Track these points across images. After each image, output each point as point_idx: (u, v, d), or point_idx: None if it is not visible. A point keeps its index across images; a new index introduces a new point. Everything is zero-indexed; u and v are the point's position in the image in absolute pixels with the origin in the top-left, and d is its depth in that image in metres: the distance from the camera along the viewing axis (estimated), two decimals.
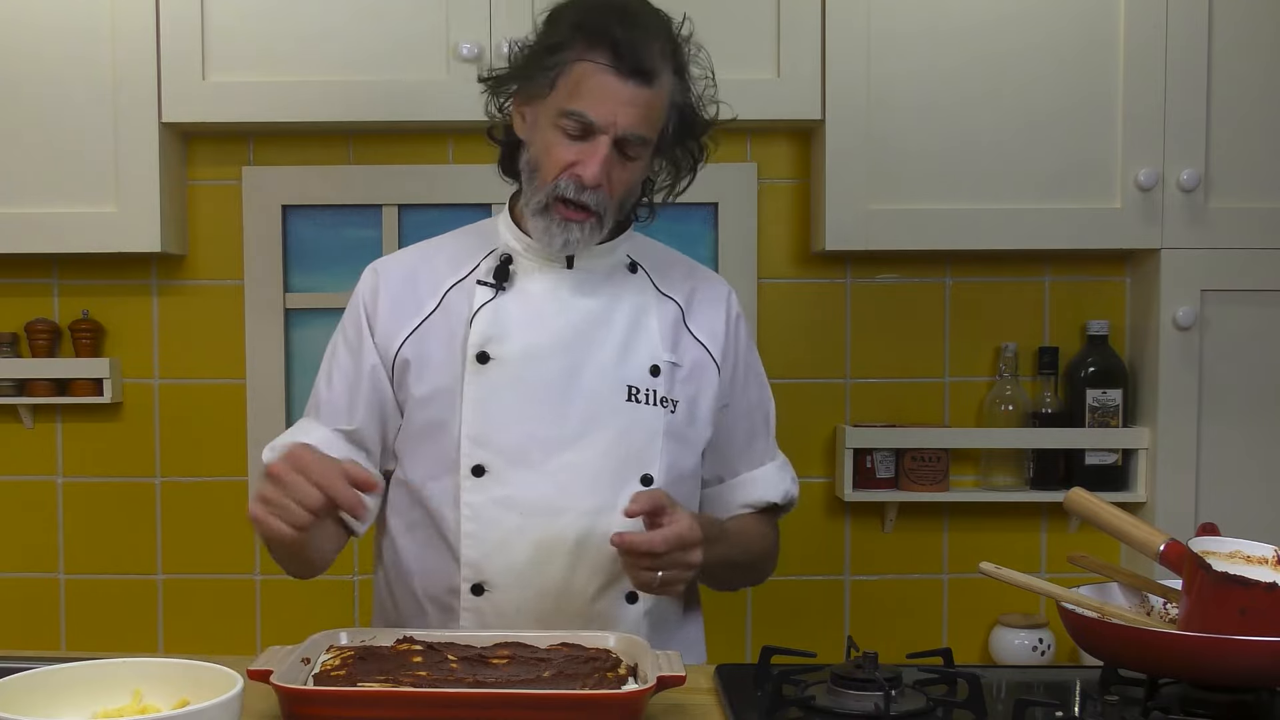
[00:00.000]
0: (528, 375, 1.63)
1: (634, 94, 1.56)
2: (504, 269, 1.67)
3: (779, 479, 1.80)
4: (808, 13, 2.27)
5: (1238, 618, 1.30)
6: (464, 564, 1.63)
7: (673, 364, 1.68)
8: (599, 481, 1.62)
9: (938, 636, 2.51)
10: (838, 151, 2.28)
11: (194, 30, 2.26)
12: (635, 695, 1.26)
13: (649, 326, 1.68)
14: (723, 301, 1.77)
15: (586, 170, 1.57)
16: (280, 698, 1.26)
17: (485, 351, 1.64)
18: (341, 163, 2.48)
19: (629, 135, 1.58)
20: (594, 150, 1.57)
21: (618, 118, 1.56)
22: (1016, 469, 2.47)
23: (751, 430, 1.79)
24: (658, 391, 1.66)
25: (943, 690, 1.43)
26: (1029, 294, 2.51)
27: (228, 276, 2.49)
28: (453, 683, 1.30)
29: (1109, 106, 2.28)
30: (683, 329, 1.72)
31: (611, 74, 1.56)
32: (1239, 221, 2.29)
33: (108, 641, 2.49)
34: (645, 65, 1.56)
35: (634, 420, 1.64)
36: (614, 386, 1.64)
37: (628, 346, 1.66)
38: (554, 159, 1.59)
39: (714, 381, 1.72)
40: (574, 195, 1.58)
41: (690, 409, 1.69)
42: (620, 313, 1.67)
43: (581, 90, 1.57)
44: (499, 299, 1.66)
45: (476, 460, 1.63)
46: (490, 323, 1.65)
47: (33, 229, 2.28)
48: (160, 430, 2.50)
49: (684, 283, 1.75)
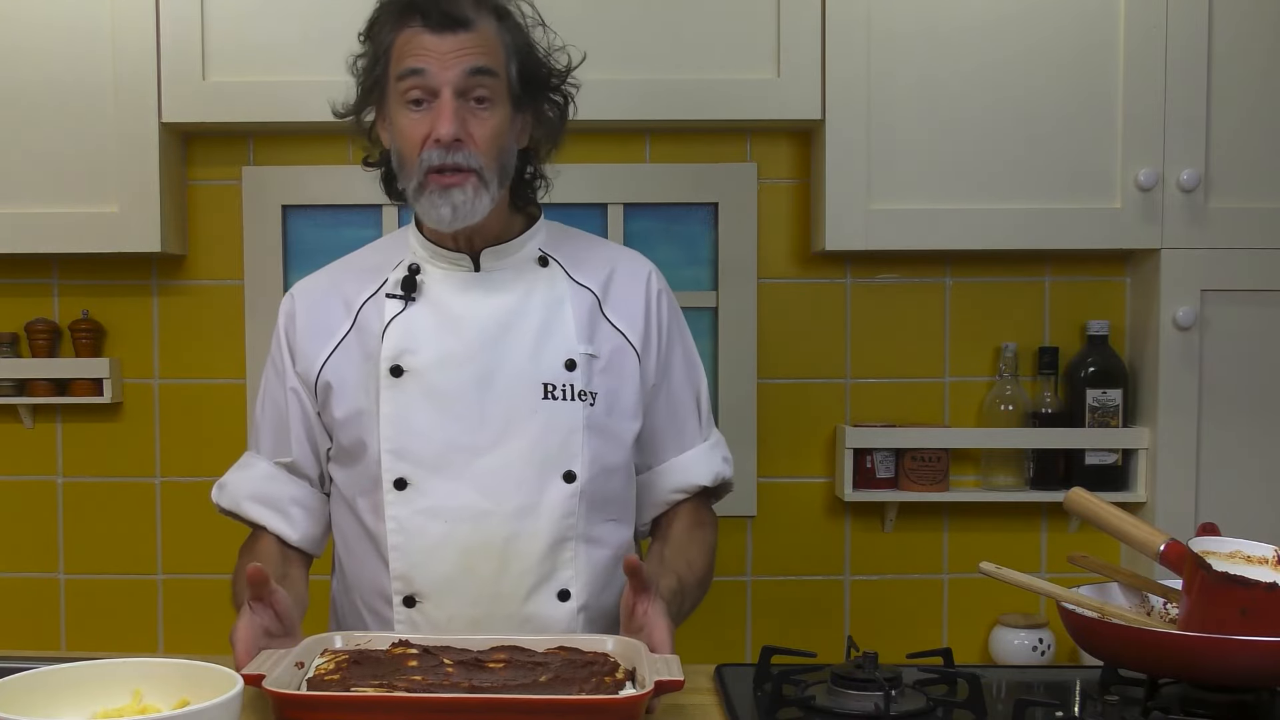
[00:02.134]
0: (442, 384, 1.63)
1: (455, 41, 1.57)
2: (411, 279, 1.67)
3: (708, 460, 1.77)
4: (808, 13, 2.27)
5: (1238, 618, 1.30)
6: (394, 576, 1.64)
7: (589, 356, 1.67)
8: (522, 483, 1.62)
9: (938, 636, 2.51)
10: (838, 151, 2.28)
11: (194, 30, 2.26)
12: (633, 700, 1.25)
13: (563, 320, 1.67)
14: (641, 283, 1.75)
15: (440, 128, 1.56)
16: (273, 703, 1.26)
17: (398, 365, 1.64)
18: (341, 163, 2.48)
19: (467, 72, 1.57)
20: (440, 108, 1.57)
21: (447, 64, 1.57)
22: (1016, 469, 2.47)
23: (678, 412, 1.77)
24: (574, 386, 1.65)
25: (943, 690, 1.43)
26: (1029, 294, 2.51)
27: (228, 276, 2.49)
28: (448, 687, 1.29)
29: (1109, 107, 2.28)
30: (599, 318, 1.70)
31: (426, 32, 1.58)
32: (1239, 221, 2.29)
33: (108, 641, 2.49)
34: (456, 13, 1.58)
35: (552, 418, 1.63)
36: (529, 385, 1.64)
37: (541, 343, 1.65)
38: (409, 137, 1.60)
39: (635, 369, 1.70)
40: (439, 160, 1.57)
41: (611, 400, 1.68)
42: (532, 309, 1.67)
43: (405, 55, 1.59)
44: (409, 310, 1.66)
45: (398, 474, 1.63)
46: (401, 335, 1.65)
47: (33, 229, 2.28)
48: (160, 430, 2.50)
49: (601, 269, 1.73)
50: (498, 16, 1.63)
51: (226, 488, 1.75)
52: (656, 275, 1.77)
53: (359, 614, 1.72)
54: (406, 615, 1.64)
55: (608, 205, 2.46)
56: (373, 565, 1.68)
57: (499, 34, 1.62)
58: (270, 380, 1.75)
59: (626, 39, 2.24)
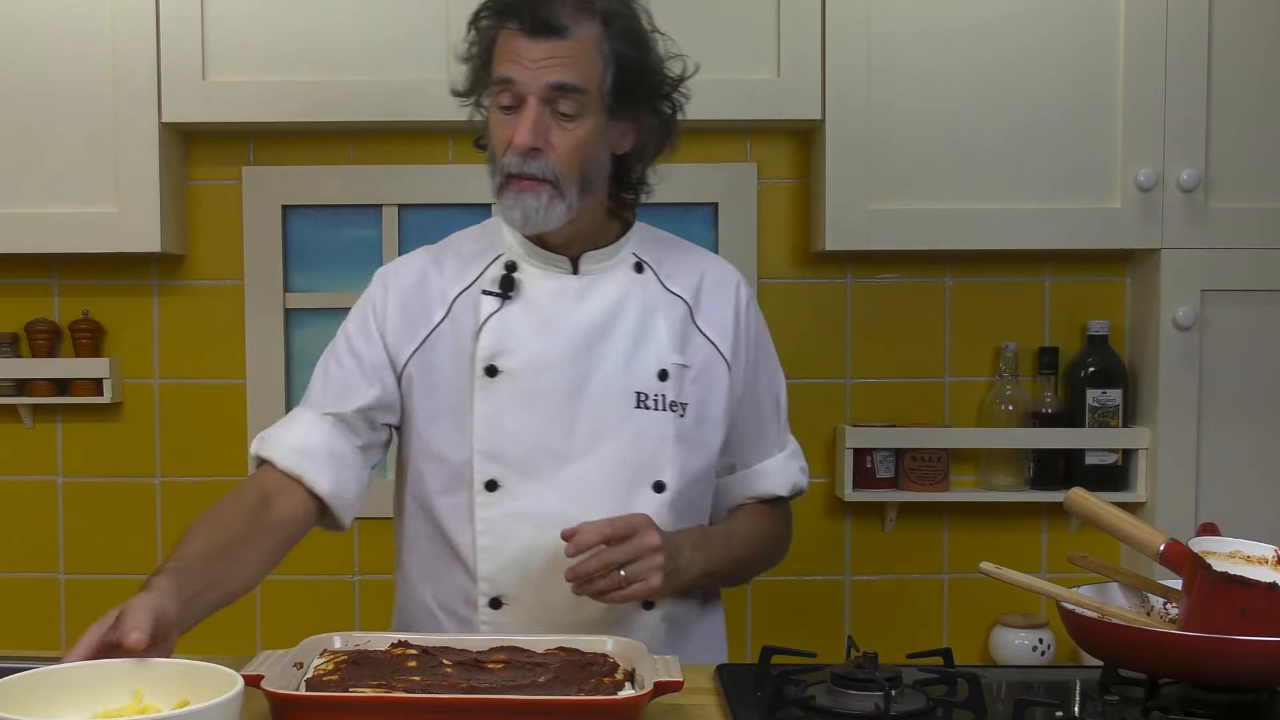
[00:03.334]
0: (536, 387, 1.62)
1: (547, 48, 1.55)
2: (509, 278, 1.65)
3: (786, 469, 1.78)
4: (808, 13, 2.27)
5: (1238, 618, 1.30)
6: (481, 578, 1.63)
7: (681, 366, 1.66)
8: (611, 491, 1.60)
9: (938, 636, 2.51)
10: (838, 151, 2.28)
11: (194, 30, 2.26)
12: (632, 701, 1.25)
13: (656, 329, 1.66)
14: (731, 291, 1.74)
15: (518, 136, 1.56)
16: (271, 703, 1.25)
17: (494, 365, 1.62)
18: (341, 163, 2.48)
19: (552, 87, 1.55)
20: (523, 116, 1.56)
21: (535, 74, 1.55)
22: (1016, 469, 2.47)
23: (761, 418, 1.76)
24: (666, 396, 1.64)
25: (943, 690, 1.43)
26: (1029, 294, 2.51)
27: (228, 276, 2.49)
28: (446, 688, 1.29)
29: (1109, 106, 2.28)
30: (691, 327, 1.69)
31: (521, 36, 1.56)
32: (1239, 221, 2.29)
33: None
34: (552, 20, 1.55)
35: (643, 428, 1.63)
36: (622, 394, 1.63)
37: (635, 352, 1.64)
38: (498, 139, 1.59)
39: (724, 379, 1.70)
40: (517, 168, 1.57)
41: (700, 410, 1.68)
42: (627, 318, 1.65)
43: (501, 57, 1.58)
44: (505, 309, 1.64)
45: (489, 475, 1.62)
46: (498, 335, 1.63)
47: (33, 229, 2.28)
48: (160, 430, 2.50)
49: (691, 276, 1.72)
50: (602, 22, 1.58)
51: (268, 440, 1.65)
52: (744, 284, 1.77)
53: (430, 615, 1.69)
54: (492, 617, 1.63)
55: None
56: (450, 567, 1.66)
57: (599, 41, 1.57)
58: (353, 337, 1.68)
59: None
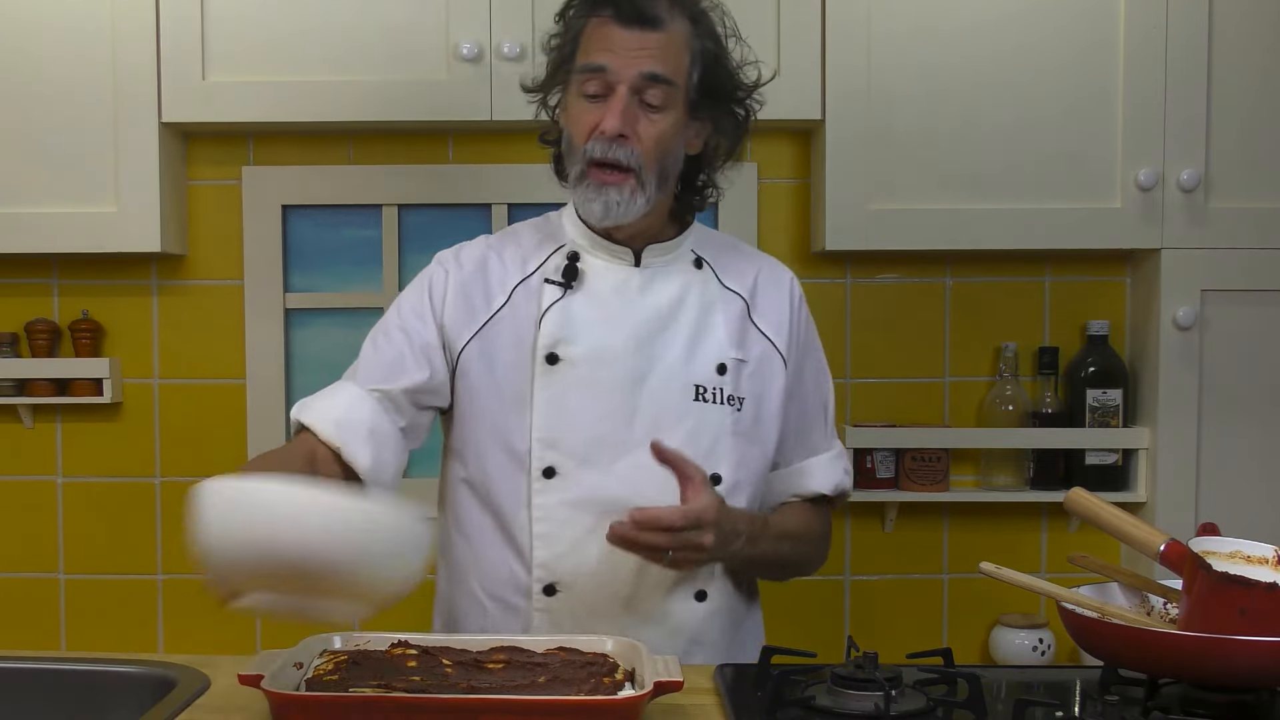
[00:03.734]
0: (597, 376, 1.63)
1: (641, 39, 1.57)
2: (572, 267, 1.66)
3: (831, 470, 1.78)
4: (808, 12, 2.27)
5: (1238, 618, 1.30)
6: (536, 564, 1.63)
7: (739, 361, 1.68)
8: (668, 482, 1.59)
9: (938, 636, 2.51)
10: (838, 151, 2.28)
11: (194, 30, 2.26)
12: (631, 701, 1.25)
13: (715, 324, 1.68)
14: (785, 289, 1.76)
15: (607, 121, 1.57)
16: (271, 703, 1.25)
17: (555, 353, 1.63)
18: (341, 163, 2.48)
19: (644, 76, 1.57)
20: (612, 103, 1.58)
21: (627, 63, 1.57)
22: (1016, 469, 2.47)
23: (808, 418, 1.77)
24: (724, 390, 1.65)
25: (943, 690, 1.43)
26: (1029, 294, 2.51)
27: (228, 276, 2.49)
28: (446, 688, 1.29)
29: (1109, 106, 2.28)
30: (748, 324, 1.71)
31: (615, 24, 1.58)
32: (1239, 221, 2.29)
33: (108, 641, 2.49)
34: (647, 11, 1.58)
35: (701, 420, 1.63)
36: (682, 386, 1.64)
37: (695, 345, 1.66)
38: (581, 125, 1.60)
39: (780, 375, 1.72)
40: (602, 154, 1.58)
41: (757, 405, 1.69)
42: (687, 311, 1.67)
43: (590, 46, 1.59)
44: (567, 298, 1.65)
45: (548, 462, 1.62)
46: (559, 323, 1.64)
47: (33, 229, 2.28)
48: (160, 430, 2.50)
49: (747, 274, 1.74)
50: (692, 20, 1.62)
51: (309, 407, 1.61)
52: (797, 282, 1.79)
53: (476, 603, 1.68)
54: (546, 604, 1.63)
55: None
56: (502, 553, 1.65)
57: (688, 39, 1.61)
58: (407, 315, 1.67)
59: None
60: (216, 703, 1.43)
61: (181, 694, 1.44)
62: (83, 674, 1.59)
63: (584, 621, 1.61)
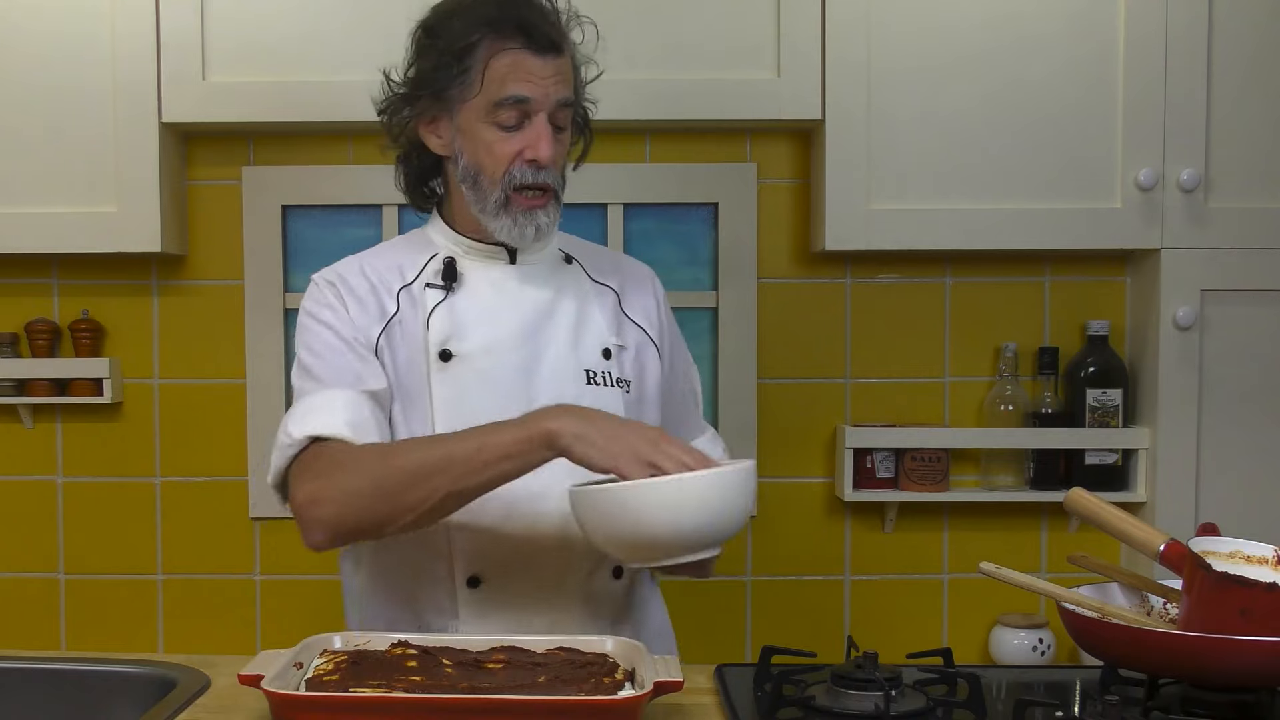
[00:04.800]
0: (491, 369, 1.65)
1: (553, 65, 1.62)
2: (451, 269, 1.69)
3: (711, 450, 1.80)
4: (808, 13, 2.27)
5: (1238, 618, 1.30)
6: (457, 557, 1.64)
7: (620, 347, 1.73)
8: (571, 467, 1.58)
9: (938, 636, 2.51)
10: (838, 151, 2.28)
11: (194, 30, 2.26)
12: (632, 701, 1.25)
13: (593, 313, 1.73)
14: (648, 284, 1.84)
15: (540, 151, 1.61)
16: (271, 704, 1.26)
17: (447, 349, 1.65)
18: (341, 163, 2.48)
19: (559, 104, 1.62)
20: (537, 131, 1.61)
21: (546, 91, 1.61)
22: (1016, 469, 2.47)
23: (684, 407, 1.85)
24: (612, 373, 1.70)
25: (943, 690, 1.43)
26: (1029, 294, 2.51)
27: (228, 276, 2.49)
28: (446, 688, 1.29)
29: (1109, 106, 2.28)
30: (621, 314, 1.77)
31: (528, 54, 1.60)
32: (1239, 221, 2.29)
33: (108, 641, 2.49)
34: (555, 38, 1.62)
35: (596, 402, 1.64)
36: (573, 372, 1.68)
37: (579, 333, 1.70)
38: (499, 154, 1.62)
39: (655, 362, 1.78)
40: (532, 180, 1.62)
41: (640, 389, 1.74)
42: (565, 302, 1.72)
43: (509, 79, 1.60)
44: (450, 299, 1.68)
45: None
46: (446, 321, 1.66)
47: (33, 229, 2.28)
48: (160, 430, 2.50)
49: (612, 271, 1.81)
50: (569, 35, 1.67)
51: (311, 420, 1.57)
52: (658, 279, 1.86)
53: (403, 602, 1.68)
54: (469, 596, 1.64)
55: (608, 205, 2.46)
56: (426, 550, 1.65)
57: (573, 58, 1.67)
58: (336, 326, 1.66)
59: (626, 39, 2.24)
60: (216, 703, 1.43)
61: (181, 694, 1.45)
62: (83, 674, 1.59)
63: (510, 612, 1.62)
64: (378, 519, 1.51)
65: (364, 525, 1.53)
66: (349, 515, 1.52)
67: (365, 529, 1.53)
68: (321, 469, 1.54)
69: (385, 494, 1.50)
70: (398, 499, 1.49)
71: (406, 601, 1.69)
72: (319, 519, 1.53)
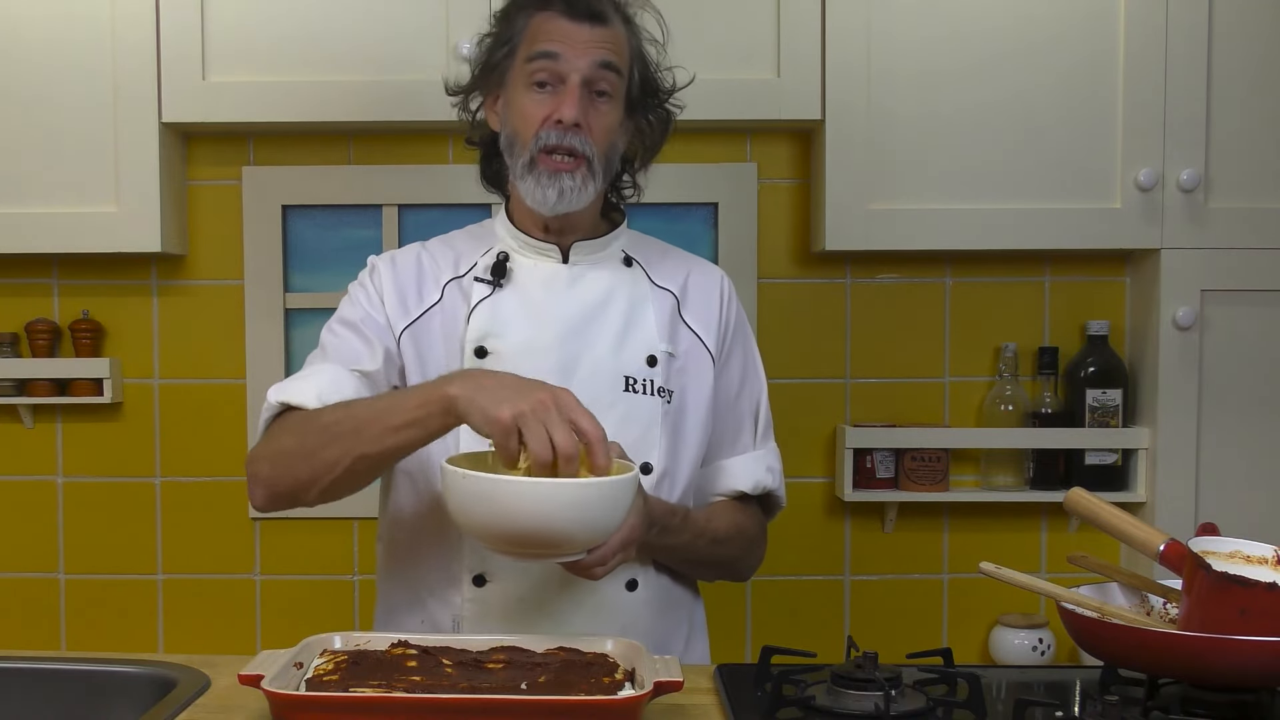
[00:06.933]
0: (524, 369, 1.61)
1: (591, 33, 1.62)
2: (501, 265, 1.69)
3: (753, 467, 1.77)
4: (808, 13, 2.27)
5: (1238, 618, 1.30)
6: (467, 554, 1.63)
7: (669, 354, 1.70)
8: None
9: (938, 636, 2.51)
10: (838, 151, 2.28)
11: (194, 30, 2.26)
12: (632, 701, 1.25)
13: (645, 318, 1.70)
14: (716, 288, 1.78)
15: (564, 110, 1.60)
16: (271, 703, 1.26)
17: (483, 346, 1.65)
18: (341, 163, 2.48)
19: (597, 65, 1.61)
20: (567, 93, 1.61)
21: (580, 53, 1.61)
22: (1016, 469, 2.47)
23: (736, 417, 1.78)
24: (654, 381, 1.67)
25: (943, 690, 1.43)
26: (1029, 294, 2.51)
27: (228, 276, 2.49)
28: (446, 688, 1.29)
29: (1109, 106, 2.28)
30: (678, 320, 1.73)
31: (564, 19, 1.62)
32: (1239, 221, 2.29)
33: (108, 641, 2.49)
34: (595, 7, 1.62)
35: (632, 409, 1.64)
36: (611, 378, 1.65)
37: (624, 338, 1.67)
38: (530, 116, 1.62)
39: (709, 372, 1.73)
40: (557, 141, 1.61)
41: (686, 399, 1.70)
42: (616, 305, 1.69)
43: (539, 37, 1.62)
44: (496, 295, 1.68)
45: None
46: (488, 318, 1.66)
47: (33, 229, 2.28)
48: (160, 430, 2.50)
49: (679, 273, 1.77)
50: (625, 21, 1.68)
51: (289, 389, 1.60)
52: (728, 282, 1.80)
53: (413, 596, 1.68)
54: (475, 594, 1.63)
55: None
56: (438, 546, 1.65)
57: (627, 37, 1.67)
58: (360, 303, 1.69)
59: None
60: (216, 703, 1.43)
61: (181, 694, 1.44)
62: (83, 674, 1.59)
63: (514, 613, 1.61)
64: (301, 479, 1.53)
65: (294, 486, 1.55)
66: (281, 474, 1.55)
67: (296, 490, 1.55)
68: (272, 432, 1.59)
69: (307, 452, 1.52)
70: (316, 458, 1.51)
71: (414, 590, 1.68)
72: (255, 476, 1.58)
